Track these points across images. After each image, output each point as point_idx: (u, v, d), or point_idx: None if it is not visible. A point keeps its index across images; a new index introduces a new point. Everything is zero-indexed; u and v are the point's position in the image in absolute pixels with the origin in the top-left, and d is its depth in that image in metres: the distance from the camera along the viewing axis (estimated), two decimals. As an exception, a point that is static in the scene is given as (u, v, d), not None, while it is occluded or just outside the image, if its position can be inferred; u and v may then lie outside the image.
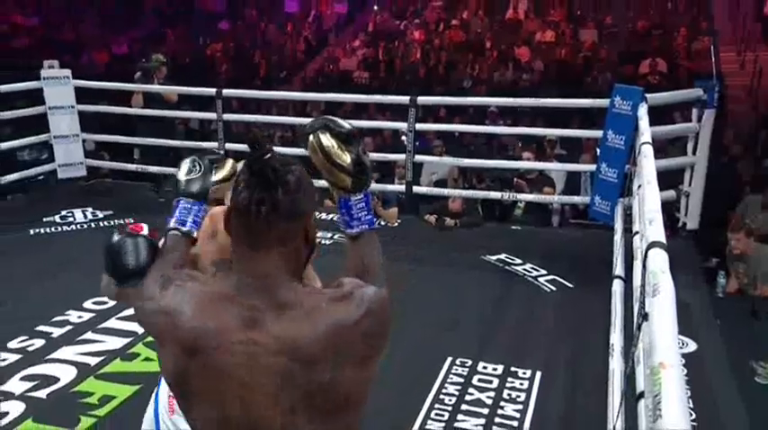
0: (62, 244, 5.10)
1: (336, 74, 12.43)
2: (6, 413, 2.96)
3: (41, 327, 3.70)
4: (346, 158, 1.24)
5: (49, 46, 12.49)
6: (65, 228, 5.45)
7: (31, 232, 5.31)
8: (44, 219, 5.54)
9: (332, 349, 1.08)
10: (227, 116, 6.01)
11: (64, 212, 5.68)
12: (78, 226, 5.47)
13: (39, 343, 3.55)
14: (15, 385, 3.17)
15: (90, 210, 5.70)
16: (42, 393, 3.14)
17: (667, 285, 1.84)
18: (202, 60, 13.40)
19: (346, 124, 1.27)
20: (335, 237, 5.33)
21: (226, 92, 5.99)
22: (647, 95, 4.54)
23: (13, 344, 3.50)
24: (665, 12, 13.27)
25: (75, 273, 4.32)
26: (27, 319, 3.75)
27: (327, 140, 1.24)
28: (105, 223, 5.48)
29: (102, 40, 14.32)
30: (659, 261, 2.00)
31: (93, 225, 5.50)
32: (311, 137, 1.25)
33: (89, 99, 6.35)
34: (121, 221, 5.33)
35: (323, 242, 5.22)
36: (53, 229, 5.40)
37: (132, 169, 6.46)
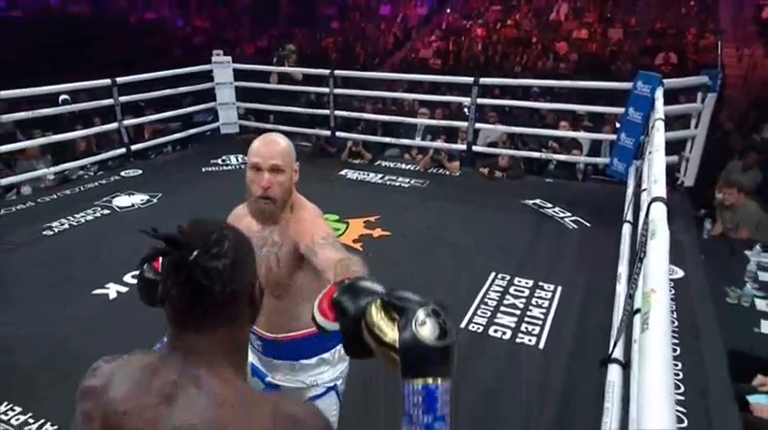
0: (223, 179, 5.28)
1: (417, 61, 12.10)
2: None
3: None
4: (390, 333, 0.67)
5: (216, 41, 12.75)
6: (224, 168, 5.64)
7: (203, 170, 5.56)
8: (211, 161, 5.78)
9: None
10: (336, 90, 5.98)
11: (224, 157, 5.87)
12: (233, 167, 5.65)
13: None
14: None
15: (241, 156, 5.86)
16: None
17: (663, 230, 1.73)
18: (319, 50, 13.35)
19: (411, 295, 0.68)
20: (412, 181, 5.30)
21: (336, 72, 5.94)
22: (664, 80, 4.17)
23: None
24: (679, 15, 12.07)
25: (232, 199, 4.50)
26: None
27: (375, 310, 0.69)
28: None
29: (251, 37, 14.51)
30: (659, 211, 1.89)
31: (242, 166, 5.62)
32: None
33: (242, 78, 6.45)
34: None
35: (402, 185, 5.20)
36: (217, 169, 5.60)
37: (269, 128, 6.58)
